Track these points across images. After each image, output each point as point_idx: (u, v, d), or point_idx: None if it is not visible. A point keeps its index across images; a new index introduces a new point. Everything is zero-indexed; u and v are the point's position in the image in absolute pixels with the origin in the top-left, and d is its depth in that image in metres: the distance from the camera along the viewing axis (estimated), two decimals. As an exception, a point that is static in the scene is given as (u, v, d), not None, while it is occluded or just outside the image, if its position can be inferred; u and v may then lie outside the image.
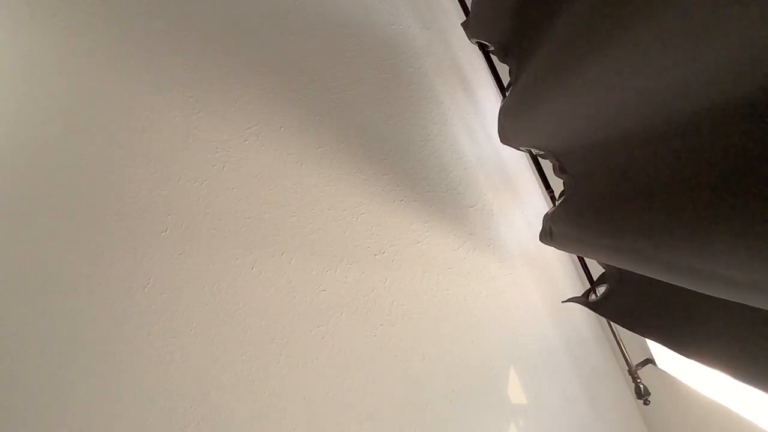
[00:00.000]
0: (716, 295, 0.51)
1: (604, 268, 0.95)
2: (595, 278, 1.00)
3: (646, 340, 1.11)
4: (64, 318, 1.18)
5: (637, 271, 0.67)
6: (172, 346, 1.20)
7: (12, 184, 1.19)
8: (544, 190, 1.12)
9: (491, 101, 1.34)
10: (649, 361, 1.13)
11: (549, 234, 0.96)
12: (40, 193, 1.20)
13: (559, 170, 0.91)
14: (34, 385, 1.17)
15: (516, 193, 1.33)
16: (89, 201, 1.20)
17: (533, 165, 1.14)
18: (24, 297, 1.18)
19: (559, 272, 1.32)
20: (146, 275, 1.20)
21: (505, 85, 1.08)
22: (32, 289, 1.18)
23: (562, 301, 1.11)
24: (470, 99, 1.34)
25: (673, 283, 0.57)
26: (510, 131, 1.02)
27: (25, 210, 1.19)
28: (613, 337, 1.14)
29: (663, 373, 1.09)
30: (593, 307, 0.94)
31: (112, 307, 1.19)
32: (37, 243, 1.19)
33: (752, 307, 0.51)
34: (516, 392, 1.27)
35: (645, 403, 1.09)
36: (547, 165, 1.06)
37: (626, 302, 0.85)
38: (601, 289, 0.95)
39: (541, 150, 0.96)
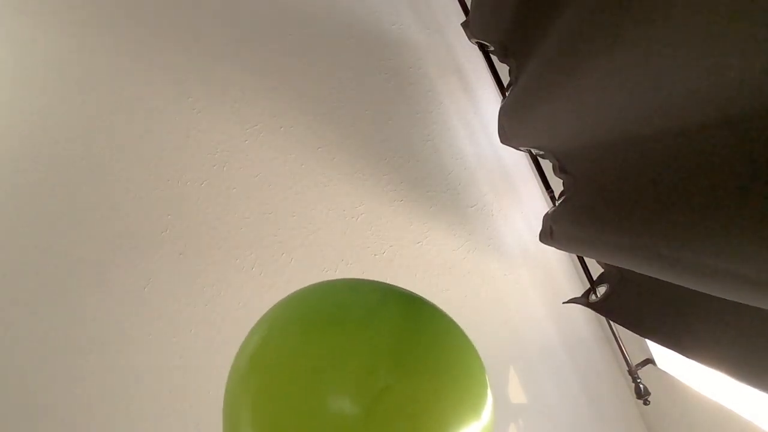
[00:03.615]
0: (718, 293, 0.51)
1: (603, 268, 0.95)
2: (595, 278, 1.00)
3: (646, 340, 1.11)
4: (64, 318, 1.18)
5: (639, 270, 0.67)
6: (172, 346, 1.20)
7: (11, 184, 1.19)
8: (544, 190, 1.12)
9: (491, 101, 1.34)
10: (649, 361, 1.13)
11: (549, 234, 0.96)
12: (39, 193, 1.19)
13: (559, 170, 0.91)
14: (33, 386, 1.17)
15: (516, 193, 1.33)
16: (89, 201, 1.20)
17: (533, 165, 1.14)
18: (23, 297, 1.18)
19: (559, 272, 1.32)
20: (146, 275, 1.20)
21: (505, 85, 1.08)
22: (31, 290, 1.18)
23: (563, 302, 1.11)
24: (470, 99, 1.34)
25: (677, 282, 0.57)
26: (510, 131, 1.02)
27: (25, 210, 1.19)
28: (613, 337, 1.14)
29: (663, 373, 1.09)
30: (593, 307, 0.94)
31: (111, 307, 1.19)
32: (36, 243, 1.19)
33: (753, 307, 0.51)
34: (516, 392, 1.27)
35: (645, 403, 1.09)
36: (547, 165, 1.05)
37: (626, 302, 0.85)
38: (601, 289, 0.95)
39: (541, 150, 0.96)
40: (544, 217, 1.02)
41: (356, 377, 0.29)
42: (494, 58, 1.07)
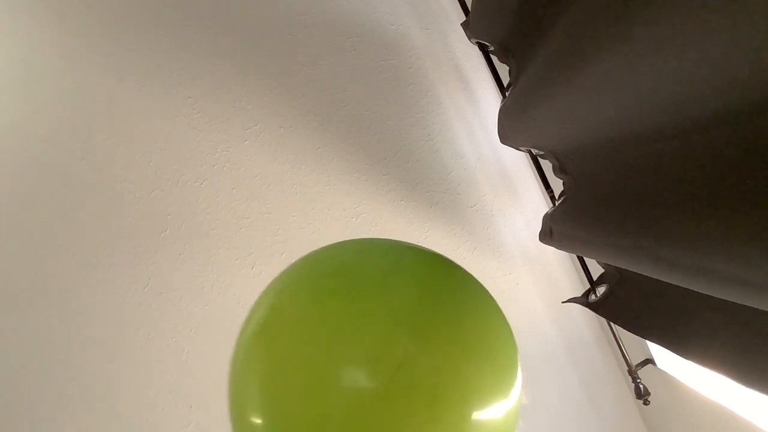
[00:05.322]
0: (717, 295, 0.51)
1: (603, 268, 0.95)
2: (594, 278, 1.00)
3: (646, 340, 1.11)
4: (64, 318, 1.18)
5: (638, 271, 0.66)
6: (172, 346, 1.20)
7: (11, 184, 1.19)
8: (544, 190, 1.12)
9: (491, 101, 1.34)
10: (649, 361, 1.13)
11: (549, 234, 0.96)
12: (39, 193, 1.20)
13: (559, 170, 0.91)
14: (33, 386, 1.17)
15: (516, 193, 1.33)
16: (89, 201, 1.20)
17: (533, 165, 1.14)
18: (23, 297, 1.18)
19: (559, 272, 1.32)
20: (146, 275, 1.20)
21: (505, 85, 1.08)
22: (31, 290, 1.18)
23: (562, 302, 1.11)
24: (470, 99, 1.34)
25: (675, 283, 0.57)
26: (510, 131, 1.02)
27: (25, 211, 1.19)
28: (612, 338, 1.14)
29: (663, 373, 1.09)
30: (593, 307, 0.94)
31: (111, 307, 1.19)
32: (36, 243, 1.19)
33: (752, 309, 0.51)
34: (516, 392, 1.27)
35: (645, 403, 1.09)
36: (547, 165, 1.05)
37: (626, 303, 0.84)
38: (600, 290, 0.95)
39: (541, 150, 0.96)
40: (544, 217, 1.02)
41: (371, 349, 0.26)
42: (494, 58, 1.07)
